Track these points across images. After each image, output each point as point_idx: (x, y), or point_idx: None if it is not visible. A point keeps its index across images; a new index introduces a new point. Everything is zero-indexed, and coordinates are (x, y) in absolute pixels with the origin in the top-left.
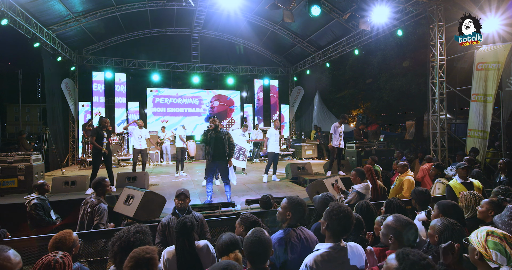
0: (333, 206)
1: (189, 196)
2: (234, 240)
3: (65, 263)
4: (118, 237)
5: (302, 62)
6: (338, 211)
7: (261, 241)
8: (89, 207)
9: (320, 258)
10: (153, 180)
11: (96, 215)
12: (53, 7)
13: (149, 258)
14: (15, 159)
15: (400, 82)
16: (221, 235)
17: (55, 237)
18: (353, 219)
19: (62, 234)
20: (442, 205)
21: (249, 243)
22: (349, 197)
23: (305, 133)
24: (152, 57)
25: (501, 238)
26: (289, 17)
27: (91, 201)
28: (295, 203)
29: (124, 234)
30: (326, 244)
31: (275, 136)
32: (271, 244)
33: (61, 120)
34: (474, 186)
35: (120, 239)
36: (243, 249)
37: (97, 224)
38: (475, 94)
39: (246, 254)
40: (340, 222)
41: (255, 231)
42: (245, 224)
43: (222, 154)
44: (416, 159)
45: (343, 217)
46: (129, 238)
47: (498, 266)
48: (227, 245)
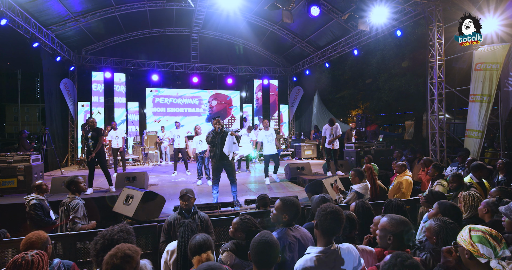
0: (323, 206)
1: (194, 195)
2: (208, 241)
3: (33, 261)
4: (101, 235)
5: (301, 62)
6: (328, 211)
7: (269, 243)
8: (65, 206)
9: (310, 264)
10: (153, 180)
11: (71, 211)
12: (52, 7)
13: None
14: (14, 159)
15: (399, 82)
16: (194, 235)
17: (25, 238)
18: (343, 220)
19: (31, 236)
20: (443, 205)
21: (256, 245)
22: (348, 197)
23: (305, 133)
24: (152, 57)
25: (483, 231)
26: (288, 18)
27: (66, 201)
28: (288, 204)
29: (108, 232)
30: (317, 248)
31: (266, 138)
32: (279, 247)
33: (60, 120)
34: (485, 185)
35: (103, 237)
36: (249, 251)
37: (72, 218)
38: (473, 94)
39: (252, 256)
40: (329, 221)
41: (262, 233)
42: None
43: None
44: (415, 160)
45: (332, 218)
46: (112, 236)
47: (488, 261)
48: (200, 246)
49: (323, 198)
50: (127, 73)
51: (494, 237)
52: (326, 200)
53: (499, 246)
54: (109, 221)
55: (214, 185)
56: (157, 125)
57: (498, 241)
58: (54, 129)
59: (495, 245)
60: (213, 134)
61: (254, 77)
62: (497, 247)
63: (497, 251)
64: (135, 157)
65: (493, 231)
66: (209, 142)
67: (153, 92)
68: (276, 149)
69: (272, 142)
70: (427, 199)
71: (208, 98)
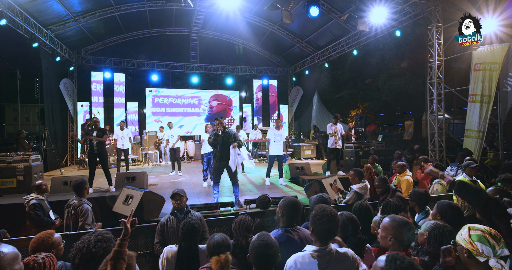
0: (317, 210)
1: (185, 195)
2: (227, 242)
3: (45, 264)
4: (77, 249)
5: (301, 62)
6: (322, 215)
7: (268, 245)
8: (72, 209)
9: (301, 260)
10: (152, 180)
11: (80, 216)
12: (52, 7)
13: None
14: (14, 159)
15: (398, 82)
16: (213, 234)
17: (35, 238)
18: (338, 222)
19: (42, 235)
20: (441, 205)
21: (256, 247)
22: (347, 197)
23: (304, 133)
24: (151, 57)
25: (482, 230)
26: (288, 18)
27: (73, 203)
28: (288, 203)
29: (84, 245)
30: (313, 247)
31: (274, 137)
32: (278, 248)
33: (60, 120)
34: (480, 185)
35: (81, 251)
36: (249, 254)
37: (82, 225)
38: (472, 94)
39: (252, 260)
40: (323, 226)
41: (261, 235)
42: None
43: (230, 154)
44: (414, 160)
45: (327, 221)
46: (90, 249)
47: (487, 260)
48: (219, 246)
49: (321, 198)
50: (127, 73)
51: (493, 236)
52: (324, 200)
53: (498, 245)
54: (109, 221)
55: (214, 185)
56: (157, 125)
57: (497, 240)
58: (54, 129)
59: (494, 244)
60: (215, 135)
61: (253, 77)
62: (496, 246)
63: (496, 250)
64: (134, 157)
65: (492, 231)
66: (210, 143)
67: (152, 92)
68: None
69: (280, 143)
70: (410, 198)
71: (209, 99)
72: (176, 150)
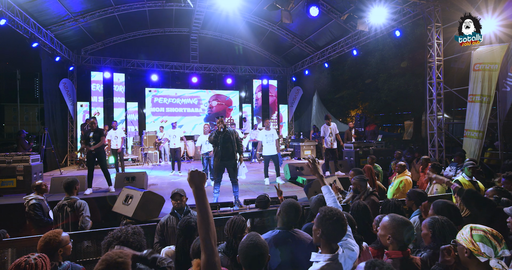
0: (325, 211)
1: (185, 194)
2: None
3: (37, 265)
4: (115, 237)
5: (300, 62)
6: (331, 215)
7: (256, 245)
8: (68, 207)
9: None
10: (152, 180)
11: (80, 210)
12: (51, 7)
13: (121, 263)
14: (13, 159)
15: (398, 82)
16: (197, 237)
17: (43, 237)
18: (346, 221)
19: (49, 234)
20: (437, 205)
21: (244, 247)
22: (347, 197)
23: (304, 133)
24: (151, 57)
25: (484, 230)
26: (288, 18)
27: (67, 202)
28: (286, 205)
29: (122, 234)
30: (325, 256)
31: (266, 138)
32: (268, 248)
33: (60, 120)
34: (479, 185)
35: (118, 239)
36: (238, 255)
37: (83, 217)
38: (471, 94)
39: (241, 260)
40: (335, 226)
41: (250, 235)
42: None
43: (231, 154)
44: (413, 160)
45: (337, 220)
46: (128, 239)
47: (487, 260)
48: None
49: (322, 198)
50: (126, 73)
51: (495, 237)
52: (325, 200)
53: (499, 245)
54: (108, 221)
55: (215, 185)
56: (156, 125)
57: (499, 240)
58: (53, 129)
59: (496, 245)
60: (215, 133)
61: (253, 77)
62: (497, 246)
63: (497, 250)
64: (134, 157)
65: (494, 231)
66: (211, 141)
67: (152, 92)
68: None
69: (272, 142)
70: (409, 197)
71: (209, 99)
72: (176, 150)
